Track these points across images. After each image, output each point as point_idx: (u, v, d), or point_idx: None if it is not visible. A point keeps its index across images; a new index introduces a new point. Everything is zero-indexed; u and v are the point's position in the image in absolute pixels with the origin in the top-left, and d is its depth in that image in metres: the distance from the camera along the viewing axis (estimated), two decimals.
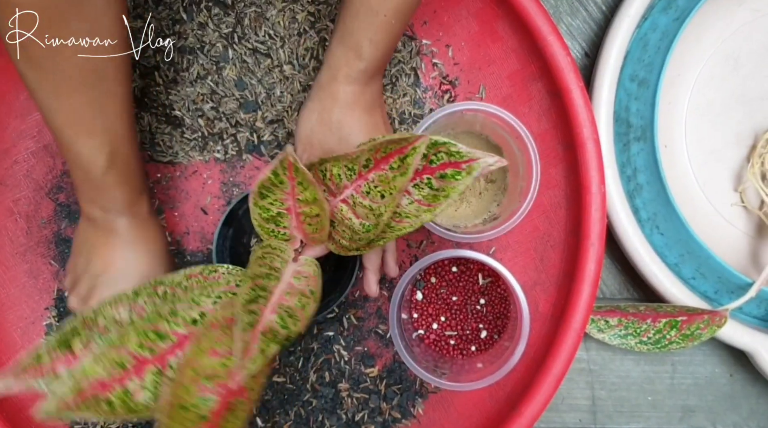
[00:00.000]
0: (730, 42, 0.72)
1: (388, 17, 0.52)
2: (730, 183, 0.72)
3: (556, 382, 0.64)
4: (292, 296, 0.49)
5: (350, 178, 0.51)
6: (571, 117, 0.65)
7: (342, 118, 0.56)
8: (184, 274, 0.53)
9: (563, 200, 0.69)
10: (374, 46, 0.53)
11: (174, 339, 0.48)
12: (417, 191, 0.51)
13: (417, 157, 0.48)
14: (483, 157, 0.49)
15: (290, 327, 0.46)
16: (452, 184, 0.50)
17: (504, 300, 0.67)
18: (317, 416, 0.68)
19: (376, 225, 0.51)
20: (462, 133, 0.67)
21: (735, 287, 0.67)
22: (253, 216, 0.52)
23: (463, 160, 0.49)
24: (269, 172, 0.49)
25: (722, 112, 0.72)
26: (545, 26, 0.65)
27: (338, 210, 0.53)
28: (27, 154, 0.69)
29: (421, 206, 0.51)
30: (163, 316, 0.48)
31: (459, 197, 0.67)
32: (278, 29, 0.67)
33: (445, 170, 0.50)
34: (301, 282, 0.51)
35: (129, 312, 0.51)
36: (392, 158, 0.49)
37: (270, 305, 0.47)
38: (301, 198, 0.51)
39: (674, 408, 0.73)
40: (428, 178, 0.51)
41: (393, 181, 0.49)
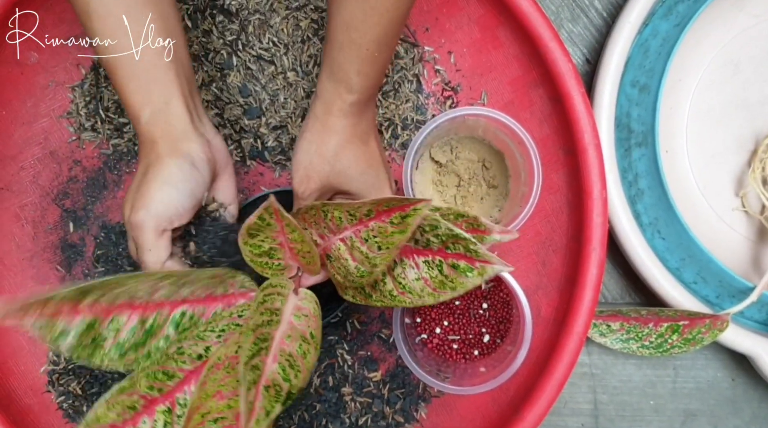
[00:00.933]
0: (731, 47, 0.72)
1: (371, 50, 0.52)
2: (731, 187, 0.73)
3: (558, 386, 0.64)
4: (293, 340, 0.49)
5: (351, 222, 0.52)
6: (573, 122, 0.65)
7: (339, 150, 0.57)
8: (211, 273, 0.53)
9: (565, 205, 0.70)
10: (363, 77, 0.54)
11: (181, 376, 0.49)
12: (427, 269, 0.53)
13: (417, 219, 0.48)
14: (498, 263, 0.50)
15: (291, 380, 0.47)
16: (461, 279, 0.51)
17: (506, 305, 0.67)
18: (321, 420, 0.68)
19: (370, 273, 0.51)
20: (464, 138, 0.68)
21: (736, 291, 0.67)
22: (245, 254, 0.53)
23: (478, 258, 0.51)
24: (256, 217, 0.49)
25: (723, 117, 0.73)
26: (546, 33, 0.65)
27: (336, 247, 0.53)
28: (33, 161, 0.69)
29: (427, 287, 0.52)
30: (171, 356, 0.49)
31: (461, 202, 0.68)
32: (282, 36, 0.68)
33: (459, 261, 0.51)
34: (301, 321, 0.51)
35: (150, 293, 0.50)
36: (393, 213, 0.50)
37: (272, 353, 0.47)
38: (290, 237, 0.52)
39: (676, 413, 0.74)
40: (440, 260, 0.52)
41: (391, 236, 0.50)
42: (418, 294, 0.52)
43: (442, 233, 0.51)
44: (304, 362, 0.48)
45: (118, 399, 0.48)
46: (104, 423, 0.47)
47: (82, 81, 0.69)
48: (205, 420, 0.47)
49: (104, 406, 0.47)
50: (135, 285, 0.49)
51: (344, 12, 0.51)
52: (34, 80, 0.69)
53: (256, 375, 0.45)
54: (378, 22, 0.50)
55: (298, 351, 0.49)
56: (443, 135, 0.67)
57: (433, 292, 0.52)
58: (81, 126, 0.69)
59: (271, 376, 0.46)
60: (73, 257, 0.69)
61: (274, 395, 0.45)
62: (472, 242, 0.50)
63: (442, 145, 0.68)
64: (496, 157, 0.68)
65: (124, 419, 0.47)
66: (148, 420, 0.48)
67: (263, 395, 0.45)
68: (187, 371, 0.50)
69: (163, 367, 0.49)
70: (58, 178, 0.70)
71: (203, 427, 0.47)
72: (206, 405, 0.47)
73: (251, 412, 0.44)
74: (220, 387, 0.48)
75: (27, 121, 0.69)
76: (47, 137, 0.70)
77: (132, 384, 0.48)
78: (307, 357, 0.49)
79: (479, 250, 0.50)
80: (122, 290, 0.49)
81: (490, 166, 0.68)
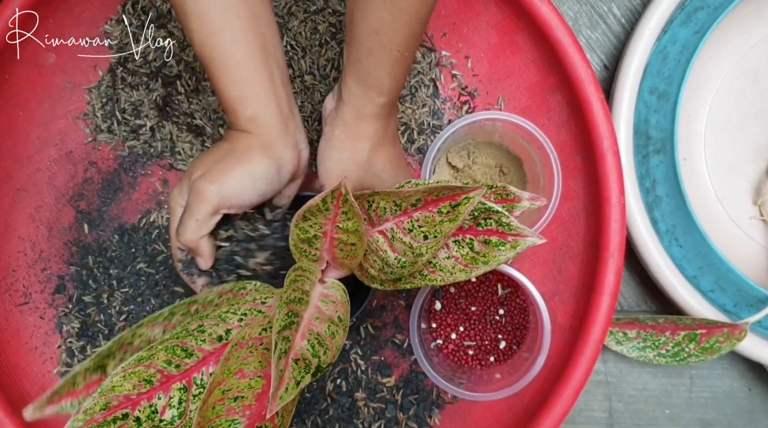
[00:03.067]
0: (750, 56, 0.72)
1: (401, 51, 0.52)
2: (748, 196, 0.72)
3: (574, 394, 0.64)
4: (321, 322, 0.49)
5: (394, 213, 0.51)
6: (591, 128, 0.65)
7: (372, 155, 0.58)
8: (216, 292, 0.53)
9: (582, 211, 0.69)
10: (393, 79, 0.54)
11: (200, 355, 0.48)
12: (457, 248, 0.52)
13: (470, 207, 0.48)
14: (531, 236, 0.50)
15: (320, 356, 0.46)
16: (494, 253, 0.51)
17: (523, 311, 0.67)
18: (334, 425, 0.68)
19: (413, 263, 0.51)
20: (481, 143, 0.67)
21: (754, 300, 0.67)
22: (292, 236, 0.52)
23: (511, 232, 0.50)
24: (319, 199, 0.49)
25: (741, 126, 0.72)
26: (565, 38, 0.65)
27: (374, 240, 0.53)
28: (49, 162, 0.69)
29: (458, 264, 0.52)
30: (191, 332, 0.48)
31: None
32: (300, 40, 0.68)
33: (491, 237, 0.51)
34: (329, 306, 0.51)
35: (163, 331, 0.51)
36: (442, 202, 0.49)
37: (300, 330, 0.47)
38: (341, 225, 0.51)
39: (692, 422, 0.73)
40: (471, 238, 0.51)
41: (440, 225, 0.49)
42: (450, 271, 0.51)
43: (476, 208, 0.50)
44: (333, 341, 0.48)
45: (135, 369, 0.46)
46: (119, 392, 0.45)
47: (99, 82, 0.69)
48: (226, 397, 0.46)
49: (120, 375, 0.46)
50: (149, 332, 0.51)
51: (371, 17, 0.51)
52: (52, 81, 0.69)
53: (286, 346, 0.45)
54: (407, 23, 0.50)
55: (327, 332, 0.48)
56: (460, 140, 0.67)
57: (465, 268, 0.51)
58: (97, 127, 0.69)
59: (300, 351, 0.46)
60: (86, 259, 0.69)
61: (303, 367, 0.45)
62: (504, 215, 0.49)
63: (459, 150, 0.68)
64: (513, 162, 0.67)
65: (139, 392, 0.46)
66: (164, 396, 0.47)
67: (293, 366, 0.45)
68: (206, 351, 0.49)
69: (182, 342, 0.48)
70: (74, 180, 0.70)
71: (223, 404, 0.46)
72: (228, 382, 0.46)
73: (281, 380, 0.43)
74: (243, 365, 0.47)
75: (43, 122, 0.69)
76: (63, 138, 0.70)
77: (150, 355, 0.47)
78: (336, 337, 0.49)
79: (512, 223, 0.49)
80: (140, 342, 0.50)
81: (508, 171, 0.67)
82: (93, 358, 0.49)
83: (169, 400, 0.47)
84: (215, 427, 0.45)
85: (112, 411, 0.45)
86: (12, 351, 0.68)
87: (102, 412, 0.45)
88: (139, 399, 0.46)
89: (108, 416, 0.45)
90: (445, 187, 0.48)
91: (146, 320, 0.51)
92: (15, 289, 0.68)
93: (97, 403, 0.45)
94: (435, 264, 0.52)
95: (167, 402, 0.47)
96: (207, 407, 0.45)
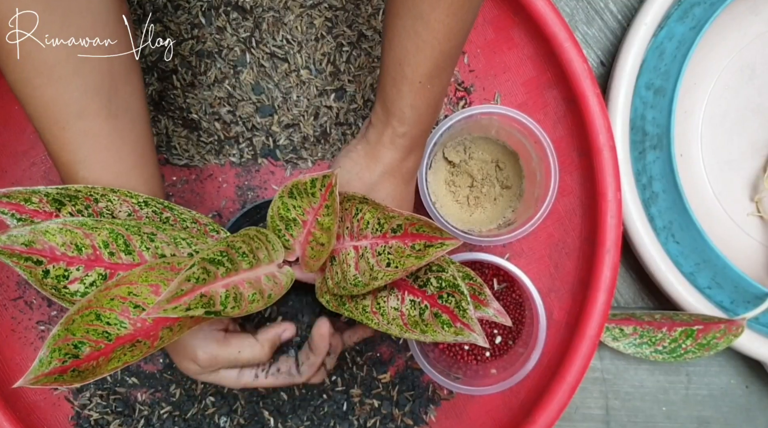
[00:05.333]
0: (747, 52, 0.72)
1: (423, 83, 0.52)
2: (745, 192, 0.72)
3: (570, 390, 0.64)
4: (251, 287, 0.48)
5: (375, 232, 0.51)
6: (588, 124, 0.65)
7: (380, 181, 0.57)
8: (192, 216, 0.53)
9: (578, 207, 0.69)
10: (415, 110, 0.54)
11: (137, 259, 0.48)
12: (410, 306, 0.51)
13: (440, 252, 0.48)
14: (479, 335, 0.48)
15: (227, 308, 0.46)
16: (435, 329, 0.49)
17: (519, 306, 0.66)
18: (329, 421, 0.68)
19: (365, 284, 0.50)
20: (477, 139, 0.67)
21: (752, 297, 0.67)
22: (272, 207, 0.52)
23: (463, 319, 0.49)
24: (308, 178, 0.49)
25: (738, 122, 0.72)
26: (562, 33, 0.65)
27: (346, 251, 0.53)
28: (44, 156, 0.69)
29: (400, 319, 0.51)
30: (141, 234, 0.48)
31: (474, 203, 0.67)
32: (296, 34, 0.68)
33: (443, 314, 0.49)
34: (269, 283, 0.51)
35: (128, 214, 0.50)
36: (419, 239, 0.49)
37: (227, 280, 0.47)
38: (320, 219, 0.51)
39: (689, 420, 0.73)
40: (426, 305, 0.50)
41: (406, 258, 0.49)
42: (388, 320, 0.50)
43: (445, 278, 0.50)
44: (249, 306, 0.48)
45: (75, 230, 0.46)
46: (47, 240, 0.45)
47: None
48: (129, 299, 0.45)
49: (59, 225, 0.46)
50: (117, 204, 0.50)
51: (397, 48, 0.51)
52: None
53: (202, 278, 0.44)
54: (430, 55, 0.50)
55: (249, 297, 0.48)
56: (457, 135, 0.66)
57: (403, 326, 0.50)
58: None
59: (212, 292, 0.45)
60: None
61: (204, 303, 0.44)
62: (466, 300, 0.48)
63: (455, 145, 0.67)
64: (510, 157, 0.67)
65: (64, 252, 0.46)
66: (82, 270, 0.46)
67: (196, 297, 0.44)
68: (145, 259, 0.48)
69: (128, 236, 0.47)
70: None
71: (123, 302, 0.45)
72: (139, 287, 0.46)
73: (176, 297, 0.43)
74: (162, 283, 0.46)
75: None
76: None
77: (93, 227, 0.46)
78: (254, 304, 0.48)
79: (468, 312, 0.48)
80: (105, 206, 0.49)
81: (504, 166, 0.67)
82: (58, 189, 0.48)
83: (85, 277, 0.46)
84: (102, 316, 0.44)
85: (32, 252, 0.45)
86: (6, 346, 0.67)
87: (22, 246, 0.45)
88: (61, 258, 0.46)
89: (25, 252, 0.45)
90: (427, 224, 0.49)
91: (122, 191, 0.50)
92: (9, 284, 0.68)
93: (24, 236, 0.45)
94: (380, 307, 0.51)
95: (82, 276, 0.46)
96: (107, 294, 0.45)
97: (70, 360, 0.43)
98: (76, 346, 0.43)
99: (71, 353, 0.43)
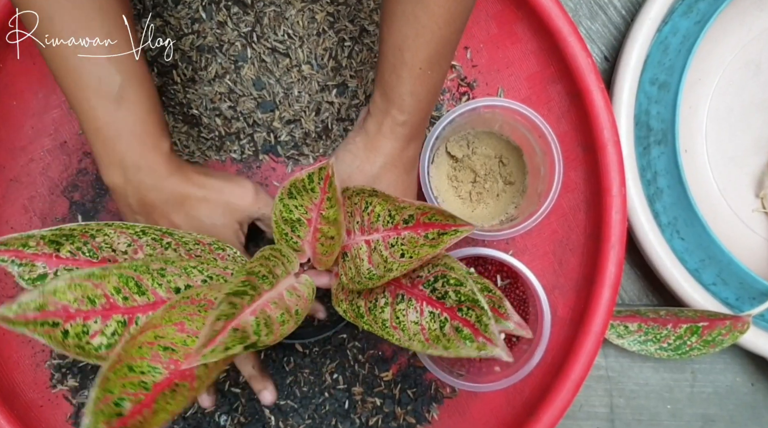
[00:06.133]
0: (751, 47, 0.71)
1: (423, 69, 0.52)
2: (750, 188, 0.72)
3: (575, 388, 0.63)
4: (277, 307, 0.47)
5: (386, 225, 0.51)
6: (592, 118, 0.64)
7: (382, 172, 0.57)
8: (194, 238, 0.52)
9: (582, 203, 0.68)
10: (415, 97, 0.53)
11: (152, 298, 0.47)
12: (430, 319, 0.50)
13: (455, 238, 0.48)
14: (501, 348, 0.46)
15: (262, 336, 0.45)
16: (458, 344, 0.48)
17: (523, 303, 0.66)
18: (330, 420, 0.67)
19: (381, 276, 0.49)
20: (481, 133, 0.67)
21: (757, 293, 0.66)
22: (275, 211, 0.52)
23: (485, 333, 0.47)
24: (305, 174, 0.48)
25: (742, 118, 0.72)
26: (565, 27, 0.64)
27: (358, 246, 0.52)
28: (43, 152, 0.69)
29: (421, 334, 0.49)
30: (151, 271, 0.47)
31: (477, 198, 0.66)
32: (297, 29, 0.67)
33: (464, 327, 0.48)
34: (292, 298, 0.50)
35: (128, 246, 0.50)
36: (432, 228, 0.49)
37: (253, 306, 0.46)
38: (324, 213, 0.50)
39: (694, 418, 0.72)
40: (447, 318, 0.49)
41: (420, 248, 0.49)
42: (410, 336, 0.49)
43: (464, 293, 0.48)
44: (280, 328, 0.47)
45: (83, 283, 0.45)
46: (58, 299, 0.44)
47: None
48: (157, 342, 0.44)
49: (66, 282, 0.44)
50: (115, 237, 0.49)
51: (396, 34, 0.51)
52: (46, 71, 0.68)
53: (230, 312, 0.43)
54: (429, 40, 0.50)
55: (278, 319, 0.47)
56: (460, 129, 0.66)
57: (425, 342, 0.48)
58: None
59: (243, 323, 0.44)
60: None
61: (239, 337, 0.43)
62: (487, 315, 0.47)
63: (458, 140, 0.67)
64: (513, 152, 0.66)
65: (78, 308, 0.44)
66: (100, 322, 0.45)
67: (229, 333, 0.43)
68: (159, 297, 0.47)
69: (138, 277, 0.46)
70: (68, 170, 0.69)
71: (151, 348, 0.44)
72: (164, 329, 0.45)
73: (211, 340, 0.42)
74: (186, 320, 0.45)
75: (37, 112, 0.68)
76: (57, 129, 0.69)
77: (102, 275, 0.45)
78: (285, 326, 0.47)
79: (490, 327, 0.47)
80: (102, 240, 0.49)
81: (507, 162, 0.67)
82: (53, 230, 0.48)
83: (104, 327, 0.45)
84: (134, 366, 0.43)
85: (46, 315, 0.44)
86: (4, 343, 0.67)
87: (35, 312, 0.43)
88: (77, 315, 0.45)
89: (40, 318, 0.43)
90: (439, 212, 0.48)
91: (117, 224, 0.50)
92: (7, 280, 0.67)
93: (34, 301, 0.43)
94: (400, 323, 0.50)
95: (102, 328, 0.45)
96: (134, 343, 0.44)
97: (115, 419, 0.42)
98: (117, 404, 0.42)
99: (114, 412, 0.42)
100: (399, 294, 0.51)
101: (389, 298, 0.51)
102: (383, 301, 0.51)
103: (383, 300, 0.51)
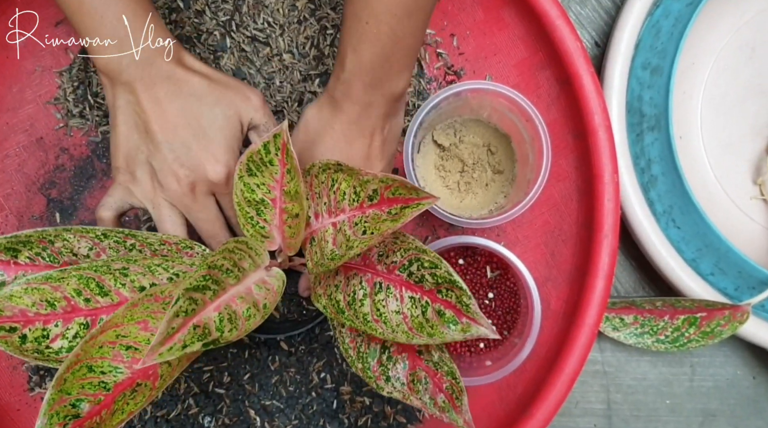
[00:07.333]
0: (745, 31, 0.69)
1: (371, 24, 0.48)
2: (748, 175, 0.70)
3: (569, 382, 0.61)
4: (244, 302, 0.46)
5: (351, 204, 0.49)
6: (582, 104, 0.63)
7: (324, 132, 0.55)
8: (159, 238, 0.50)
9: (574, 192, 0.66)
10: (357, 55, 0.50)
11: (116, 299, 0.46)
12: (411, 305, 0.49)
13: (416, 212, 0.46)
14: (486, 326, 0.46)
15: (225, 333, 0.43)
16: (442, 329, 0.48)
17: (514, 295, 0.64)
18: (318, 420, 0.65)
19: (341, 256, 0.48)
20: (468, 121, 0.65)
21: (756, 282, 0.64)
22: (236, 192, 0.49)
23: (467, 313, 0.47)
24: (261, 145, 0.46)
25: (737, 103, 0.70)
26: (553, 11, 0.63)
27: (324, 229, 0.51)
28: (19, 148, 0.67)
29: (404, 323, 0.48)
30: (112, 271, 0.46)
31: (465, 188, 0.65)
32: (277, 17, 0.65)
33: (446, 309, 0.48)
34: (261, 291, 0.48)
35: (89, 249, 0.48)
36: (395, 203, 0.47)
37: (217, 302, 0.44)
38: (287, 189, 0.48)
39: (694, 413, 0.70)
40: (428, 301, 0.48)
41: (382, 223, 0.47)
42: (393, 327, 0.48)
43: (440, 274, 0.47)
44: (245, 323, 0.45)
45: (41, 287, 0.44)
46: (14, 304, 0.43)
47: (71, 65, 0.67)
48: (119, 342, 0.43)
49: (23, 286, 0.43)
50: (75, 241, 0.48)
51: None
52: (20, 65, 0.67)
53: (190, 309, 0.42)
54: None
55: (244, 314, 0.45)
56: (446, 117, 0.64)
57: (408, 332, 0.47)
58: (68, 112, 0.67)
59: (205, 320, 0.42)
60: None
61: (200, 334, 0.41)
62: (467, 295, 0.46)
63: (445, 128, 0.65)
64: (502, 141, 0.64)
65: (37, 312, 0.43)
66: (61, 325, 0.44)
67: (189, 330, 0.41)
68: (123, 297, 0.46)
69: (100, 278, 0.45)
70: (45, 167, 0.67)
71: (113, 347, 0.43)
72: (126, 328, 0.43)
73: (169, 337, 0.40)
74: (150, 318, 0.44)
75: (12, 107, 0.67)
76: (33, 124, 0.67)
77: (60, 278, 0.44)
78: (251, 320, 0.45)
79: (471, 306, 0.46)
80: (62, 245, 0.48)
81: (496, 150, 0.65)
82: (8, 237, 0.46)
83: (65, 330, 0.44)
84: (94, 366, 0.42)
85: (2, 321, 0.43)
86: None
87: None
88: (36, 319, 0.43)
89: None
90: (402, 184, 0.46)
91: (76, 228, 0.48)
92: None
93: None
94: (381, 315, 0.49)
95: (62, 331, 0.44)
96: (94, 343, 0.42)
97: (71, 422, 0.40)
98: (75, 405, 0.41)
99: (71, 414, 0.41)
100: (377, 283, 0.49)
101: (367, 289, 0.49)
102: (361, 293, 0.49)
103: (361, 292, 0.49)
